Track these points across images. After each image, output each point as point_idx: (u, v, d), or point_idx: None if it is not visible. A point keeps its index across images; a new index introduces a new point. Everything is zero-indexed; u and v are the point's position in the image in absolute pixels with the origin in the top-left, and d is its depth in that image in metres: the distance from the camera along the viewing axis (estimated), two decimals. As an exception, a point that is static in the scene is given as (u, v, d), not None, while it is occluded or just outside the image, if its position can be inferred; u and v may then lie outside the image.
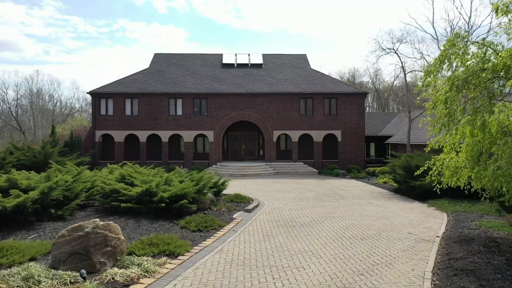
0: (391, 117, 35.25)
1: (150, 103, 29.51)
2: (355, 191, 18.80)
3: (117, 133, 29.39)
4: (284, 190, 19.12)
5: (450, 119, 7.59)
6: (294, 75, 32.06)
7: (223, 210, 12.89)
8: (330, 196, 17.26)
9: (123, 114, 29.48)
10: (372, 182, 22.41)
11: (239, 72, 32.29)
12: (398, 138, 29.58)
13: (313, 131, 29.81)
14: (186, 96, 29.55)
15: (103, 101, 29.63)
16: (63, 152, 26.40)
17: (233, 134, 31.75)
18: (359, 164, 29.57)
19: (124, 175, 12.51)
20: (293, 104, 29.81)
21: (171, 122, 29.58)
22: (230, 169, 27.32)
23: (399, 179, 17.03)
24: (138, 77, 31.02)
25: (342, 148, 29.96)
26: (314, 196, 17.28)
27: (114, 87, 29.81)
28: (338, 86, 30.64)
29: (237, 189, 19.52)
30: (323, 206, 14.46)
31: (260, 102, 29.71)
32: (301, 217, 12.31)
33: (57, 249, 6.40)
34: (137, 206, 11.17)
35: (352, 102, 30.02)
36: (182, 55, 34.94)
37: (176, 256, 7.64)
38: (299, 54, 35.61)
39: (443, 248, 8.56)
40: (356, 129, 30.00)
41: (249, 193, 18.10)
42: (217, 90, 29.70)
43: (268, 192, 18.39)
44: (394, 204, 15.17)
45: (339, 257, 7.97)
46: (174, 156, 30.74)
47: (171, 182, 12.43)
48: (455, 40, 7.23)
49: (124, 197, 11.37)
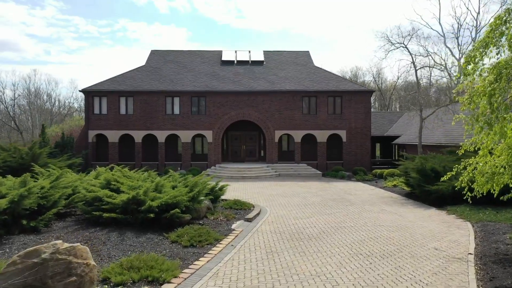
0: (397, 116, 33.83)
1: (146, 101, 28.13)
2: (364, 196, 17.42)
3: (111, 133, 28.02)
4: (287, 194, 17.74)
5: (495, 116, 6.19)
6: (297, 72, 30.66)
7: (220, 220, 11.51)
8: (337, 201, 15.88)
9: (118, 113, 28.10)
10: (380, 185, 21.01)
11: (239, 69, 30.89)
12: (406, 138, 28.12)
13: (316, 131, 28.41)
14: (183, 94, 28.17)
15: (96, 100, 28.25)
16: (54, 153, 25.04)
17: (233, 134, 30.38)
18: (365, 166, 28.18)
19: (109, 180, 11.13)
20: (296, 102, 28.42)
21: (168, 122, 28.20)
22: (230, 171, 25.93)
23: (413, 183, 15.64)
24: (134, 75, 29.64)
25: (347, 149, 28.56)
26: (320, 201, 15.90)
27: (108, 85, 28.43)
28: (343, 84, 29.24)
29: (237, 193, 18.15)
30: (332, 214, 13.08)
31: (261, 101, 28.32)
32: (308, 228, 10.93)
33: (6, 280, 5.02)
34: (122, 216, 9.79)
35: (357, 100, 28.62)
36: (180, 52, 33.54)
37: (160, 283, 6.26)
38: (302, 51, 34.20)
39: (482, 271, 7.18)
40: (362, 129, 28.60)
41: (249, 197, 16.73)
42: (216, 88, 28.31)
43: (270, 197, 17.01)
44: (409, 211, 13.78)
45: (360, 284, 6.58)
46: (171, 157, 29.35)
47: (162, 188, 11.05)
48: (508, 15, 5.82)
49: (107, 205, 9.99)
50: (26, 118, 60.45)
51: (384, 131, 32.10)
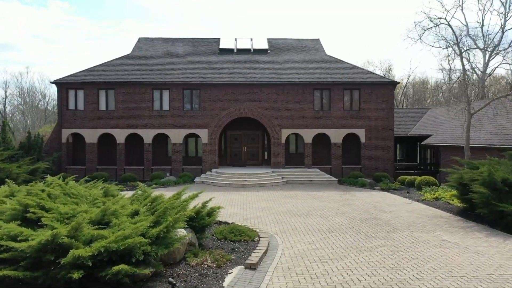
0: (421, 113, 29.51)
1: (129, 95, 23.90)
2: (403, 214, 13.17)
3: (88, 132, 23.81)
4: (301, 212, 13.50)
5: None
6: (307, 62, 26.41)
7: (207, 266, 7.30)
8: (371, 223, 11.64)
9: (96, 108, 23.89)
10: (416, 198, 16.73)
11: (240, 58, 26.66)
12: (440, 139, 23.52)
13: (330, 130, 24.16)
14: (174, 87, 23.95)
15: (71, 93, 24.03)
16: (17, 156, 20.87)
17: (232, 133, 26.16)
18: (388, 171, 23.94)
19: (27, 205, 6.89)
20: (306, 96, 24.17)
21: (155, 119, 23.98)
22: (228, 177, 21.69)
23: (477, 199, 11.35)
24: (116, 65, 25.42)
25: (367, 151, 24.30)
26: (348, 223, 11.67)
27: (85, 75, 24.22)
28: (361, 75, 24.97)
29: (236, 208, 13.91)
30: (373, 250, 8.84)
31: (266, 95, 24.08)
32: (349, 283, 6.70)
33: None
34: (29, 275, 5.58)
35: (378, 94, 24.36)
36: (172, 40, 29.31)
37: None
38: (311, 39, 29.93)
39: None
40: (384, 127, 24.34)
41: (252, 216, 12.52)
42: (212, 79, 24.08)
43: (279, 216, 12.77)
44: (483, 242, 9.53)
45: None
46: (159, 160, 25.15)
47: (114, 218, 6.83)
48: None
49: (7, 254, 5.78)
50: (18, 118, 56.46)
51: (406, 130, 27.81)
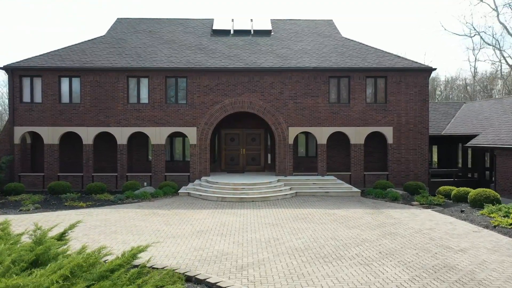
0: (454, 108, 24.69)
1: (99, 84, 19.15)
2: (486, 256, 8.39)
3: (47, 131, 19.07)
4: (325, 251, 8.72)
5: None
6: (319, 45, 21.61)
7: None
8: (447, 279, 6.86)
9: (58, 101, 19.14)
10: (480, 221, 11.92)
11: (237, 41, 21.87)
12: (495, 139, 18.36)
13: (349, 127, 19.38)
14: (154, 74, 19.19)
15: (26, 82, 19.29)
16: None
17: (228, 132, 21.40)
18: (421, 179, 19.17)
19: None
20: (319, 86, 19.38)
21: (131, 114, 19.22)
22: (221, 188, 16.92)
23: None
24: (85, 47, 20.65)
25: (395, 154, 19.49)
26: (411, 279, 6.91)
27: (45, 59, 19.46)
28: (387, 59, 20.15)
29: (227, 242, 9.10)
30: None
31: (269, 84, 19.30)
32: None
33: None
34: None
35: (409, 83, 19.56)
36: (157, 20, 24.53)
37: None
38: (323, 20, 25.14)
39: None
40: (416, 125, 19.54)
41: (251, 262, 7.74)
42: (202, 64, 19.31)
43: (294, 260, 7.98)
44: None
45: None
46: (137, 166, 20.41)
47: None
48: None
49: None
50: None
51: (439, 128, 22.99)
